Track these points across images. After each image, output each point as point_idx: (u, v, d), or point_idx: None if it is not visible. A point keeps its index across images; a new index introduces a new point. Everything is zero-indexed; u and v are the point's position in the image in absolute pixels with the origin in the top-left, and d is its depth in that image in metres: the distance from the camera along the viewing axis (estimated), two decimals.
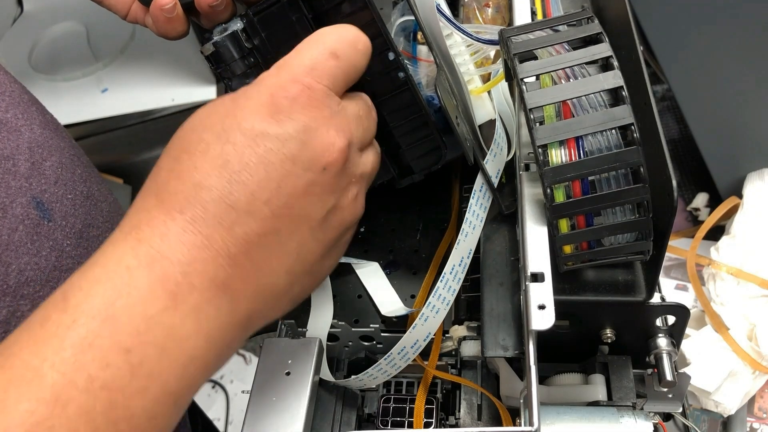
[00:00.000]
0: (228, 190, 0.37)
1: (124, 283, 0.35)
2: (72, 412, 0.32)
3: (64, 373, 0.32)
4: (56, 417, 0.31)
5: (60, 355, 0.32)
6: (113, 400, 0.33)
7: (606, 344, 0.49)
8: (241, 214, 0.37)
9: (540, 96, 0.41)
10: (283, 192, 0.38)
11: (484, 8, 0.61)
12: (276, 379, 0.48)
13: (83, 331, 0.33)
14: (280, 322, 0.54)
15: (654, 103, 0.42)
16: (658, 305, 0.46)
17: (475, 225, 0.51)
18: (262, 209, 0.38)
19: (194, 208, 0.37)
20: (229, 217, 0.37)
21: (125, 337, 0.33)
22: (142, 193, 0.39)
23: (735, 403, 0.68)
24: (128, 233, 0.37)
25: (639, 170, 0.39)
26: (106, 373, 0.32)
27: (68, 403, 0.32)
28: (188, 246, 0.36)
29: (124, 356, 0.33)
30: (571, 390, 0.50)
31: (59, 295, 0.35)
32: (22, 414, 0.31)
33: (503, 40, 0.45)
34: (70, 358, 0.32)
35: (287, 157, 0.38)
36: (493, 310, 0.49)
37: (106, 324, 0.33)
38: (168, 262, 0.36)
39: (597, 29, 0.42)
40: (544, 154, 0.40)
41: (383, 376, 0.50)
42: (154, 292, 0.35)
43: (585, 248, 0.43)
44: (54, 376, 0.32)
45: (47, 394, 0.31)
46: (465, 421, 0.51)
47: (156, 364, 0.34)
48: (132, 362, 0.33)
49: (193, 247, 0.36)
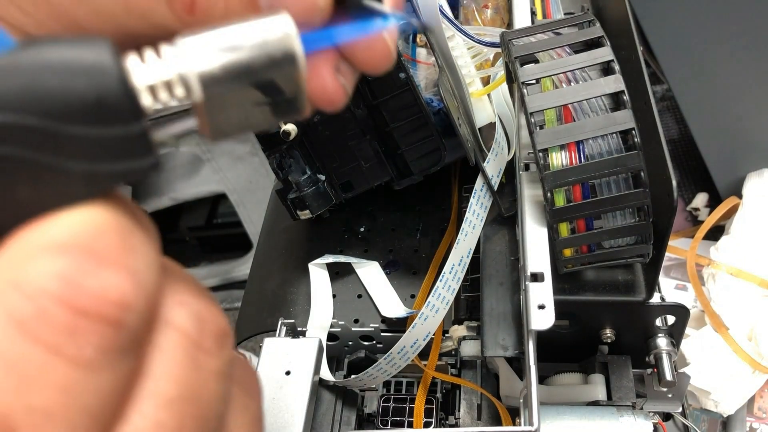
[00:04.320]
0: None
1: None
2: None
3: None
4: None
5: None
6: None
7: (606, 344, 0.49)
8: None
9: (541, 100, 0.41)
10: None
11: (483, 9, 0.61)
12: (276, 378, 0.48)
13: None
14: (280, 322, 0.54)
15: (654, 103, 0.42)
16: (657, 305, 0.46)
17: (476, 224, 0.51)
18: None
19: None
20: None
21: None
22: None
23: (734, 402, 0.68)
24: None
25: (639, 175, 0.39)
26: None
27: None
28: None
29: None
30: (570, 390, 0.50)
31: None
32: None
33: (504, 43, 0.45)
34: None
35: None
36: (493, 310, 0.49)
37: None
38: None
39: (598, 33, 0.42)
40: (545, 158, 0.40)
41: (383, 375, 0.50)
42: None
43: (585, 251, 0.43)
44: None
45: None
46: (465, 421, 0.52)
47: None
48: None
49: None
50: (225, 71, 0.22)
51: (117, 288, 0.21)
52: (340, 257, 0.60)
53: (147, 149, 0.21)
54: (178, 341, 0.23)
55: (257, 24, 0.23)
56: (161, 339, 0.23)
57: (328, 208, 0.59)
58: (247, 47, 0.22)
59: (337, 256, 0.60)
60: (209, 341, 0.24)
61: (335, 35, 0.26)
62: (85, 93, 0.20)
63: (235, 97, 0.22)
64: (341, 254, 0.61)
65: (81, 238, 0.21)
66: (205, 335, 0.24)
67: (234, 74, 0.22)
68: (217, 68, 0.22)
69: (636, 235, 0.42)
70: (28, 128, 0.20)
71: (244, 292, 0.63)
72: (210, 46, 0.22)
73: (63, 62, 0.20)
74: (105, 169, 0.21)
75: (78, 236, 0.21)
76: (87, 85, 0.20)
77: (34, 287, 0.20)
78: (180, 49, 0.22)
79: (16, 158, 0.20)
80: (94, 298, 0.20)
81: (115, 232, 0.21)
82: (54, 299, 0.20)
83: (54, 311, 0.20)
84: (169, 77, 0.22)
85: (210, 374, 0.24)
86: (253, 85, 0.22)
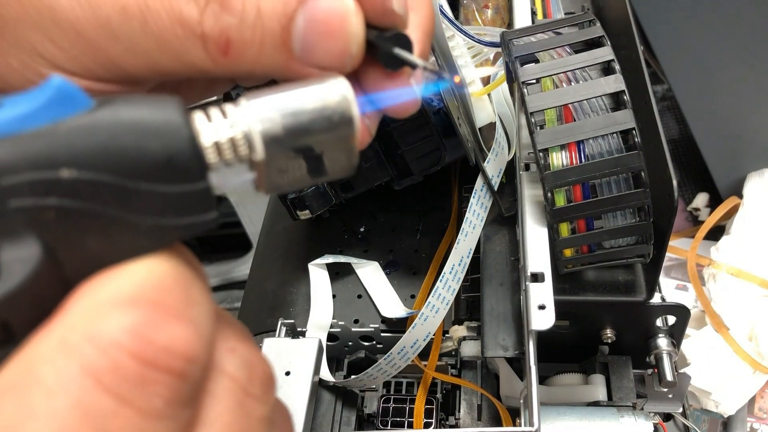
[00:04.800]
0: None
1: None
2: None
3: None
4: None
5: None
6: None
7: (606, 344, 0.49)
8: None
9: (541, 99, 0.40)
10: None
11: (483, 9, 0.60)
12: (276, 379, 0.48)
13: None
14: (279, 323, 0.54)
15: (654, 103, 0.42)
16: (658, 305, 0.46)
17: (476, 224, 0.51)
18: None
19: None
20: None
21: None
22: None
23: (735, 403, 0.68)
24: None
25: (640, 175, 0.39)
26: None
27: None
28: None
29: None
30: (571, 390, 0.50)
31: None
32: None
33: (505, 43, 0.45)
34: None
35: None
36: (493, 310, 0.49)
37: None
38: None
39: (599, 32, 0.42)
40: (545, 158, 0.40)
41: (383, 376, 0.50)
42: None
43: (585, 251, 0.43)
44: None
45: None
46: (465, 422, 0.52)
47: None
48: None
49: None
50: (287, 133, 0.23)
51: (183, 341, 0.21)
52: (340, 257, 0.60)
53: (210, 204, 0.22)
54: (230, 388, 0.24)
55: (317, 88, 0.24)
56: (215, 386, 0.24)
57: (327, 208, 0.59)
58: (308, 111, 0.23)
59: (337, 257, 0.60)
60: (257, 388, 0.25)
61: (381, 100, 0.28)
62: (157, 152, 0.21)
63: (294, 156, 0.24)
64: (341, 254, 0.61)
65: (148, 292, 0.22)
66: (254, 382, 0.25)
67: (295, 136, 0.23)
68: (280, 130, 0.23)
69: (636, 235, 0.42)
70: (102, 184, 0.21)
71: (243, 293, 0.63)
72: (273, 108, 0.23)
73: (136, 122, 0.21)
74: (170, 223, 0.22)
75: (145, 289, 0.22)
76: (159, 145, 0.21)
77: (108, 341, 0.20)
78: (245, 110, 0.23)
79: (89, 212, 0.21)
80: (163, 351, 0.21)
81: (178, 285, 0.22)
82: (126, 352, 0.20)
83: (126, 363, 0.20)
84: (234, 136, 0.23)
85: (257, 421, 0.25)
86: (311, 145, 0.24)
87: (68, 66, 0.27)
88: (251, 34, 0.26)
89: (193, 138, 0.22)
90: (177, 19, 0.25)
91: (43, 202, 0.20)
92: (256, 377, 0.25)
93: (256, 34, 0.26)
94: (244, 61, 0.27)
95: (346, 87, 0.24)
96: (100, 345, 0.20)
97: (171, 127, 0.21)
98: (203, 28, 0.25)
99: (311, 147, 0.24)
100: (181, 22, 0.25)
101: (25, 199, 0.20)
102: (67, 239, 0.21)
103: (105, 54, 0.26)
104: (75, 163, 0.20)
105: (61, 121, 0.21)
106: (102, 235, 0.22)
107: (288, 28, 0.26)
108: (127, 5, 0.25)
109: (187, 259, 0.24)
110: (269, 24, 0.26)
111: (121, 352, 0.20)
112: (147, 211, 0.22)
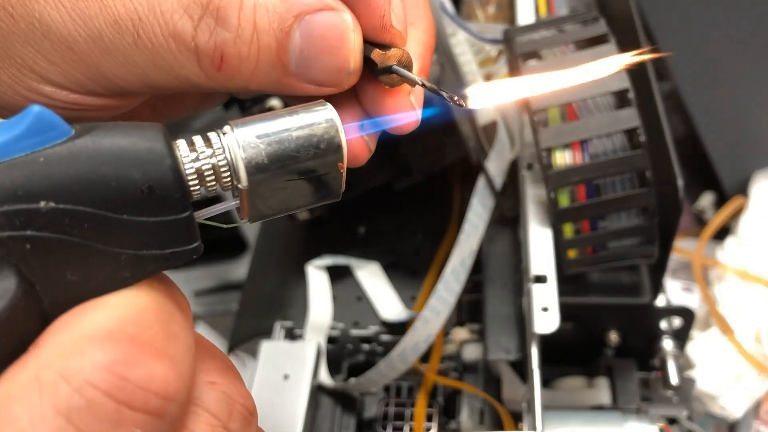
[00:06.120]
0: None
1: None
2: None
3: None
4: None
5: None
6: None
7: (610, 347, 0.48)
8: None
9: (545, 98, 0.40)
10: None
11: (485, 6, 0.60)
12: (274, 382, 0.47)
13: None
14: (277, 325, 0.53)
15: (659, 101, 0.42)
16: (662, 307, 0.46)
17: (478, 225, 0.50)
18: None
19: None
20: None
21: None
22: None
23: (741, 406, 0.67)
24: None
25: (645, 174, 0.39)
26: None
27: None
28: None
29: None
30: (574, 393, 0.49)
31: None
32: None
33: (508, 40, 0.44)
34: None
35: None
36: (495, 313, 0.49)
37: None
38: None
39: (603, 29, 0.41)
40: (549, 157, 0.39)
41: (383, 379, 0.49)
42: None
43: (589, 252, 0.42)
44: None
45: None
46: (467, 426, 0.51)
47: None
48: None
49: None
50: (272, 160, 0.23)
51: (161, 378, 0.21)
52: (340, 258, 0.59)
53: (193, 234, 0.22)
54: (209, 424, 0.24)
55: (303, 115, 0.24)
56: (193, 423, 0.23)
57: (327, 208, 0.58)
58: (294, 138, 0.23)
59: (336, 257, 0.59)
60: (237, 423, 0.24)
61: (372, 125, 0.28)
62: (138, 182, 0.21)
63: (279, 184, 0.23)
64: (340, 255, 0.60)
65: (126, 326, 0.21)
66: (234, 417, 0.24)
67: (280, 164, 0.23)
68: (264, 158, 0.23)
69: (641, 236, 0.41)
70: (82, 215, 0.20)
71: (241, 294, 0.62)
72: (257, 135, 0.23)
73: (117, 151, 0.21)
74: (152, 254, 0.22)
75: (123, 324, 0.21)
76: (140, 174, 0.21)
77: (82, 379, 0.20)
78: (229, 138, 0.23)
79: (68, 244, 0.20)
80: (139, 389, 0.20)
81: (158, 319, 0.22)
82: (101, 391, 0.20)
83: (101, 402, 0.20)
84: (217, 164, 0.22)
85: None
86: (297, 172, 0.23)
87: (59, 80, 0.26)
88: (247, 50, 0.25)
89: (177, 167, 0.21)
90: (170, 33, 0.25)
91: (21, 233, 0.20)
92: (236, 412, 0.25)
93: (252, 49, 0.25)
94: (238, 77, 0.26)
95: (332, 113, 0.24)
96: (74, 383, 0.20)
97: (153, 156, 0.21)
98: (197, 43, 0.25)
99: (297, 174, 0.23)
100: (174, 36, 0.25)
101: (2, 232, 0.20)
102: (45, 271, 0.21)
103: (96, 68, 0.26)
104: (54, 194, 0.20)
105: (40, 150, 0.20)
106: (81, 266, 0.21)
107: (284, 44, 0.26)
108: (120, 19, 0.25)
109: (169, 290, 0.23)
110: (265, 39, 0.25)
111: (95, 391, 0.20)
112: (128, 243, 0.21)
